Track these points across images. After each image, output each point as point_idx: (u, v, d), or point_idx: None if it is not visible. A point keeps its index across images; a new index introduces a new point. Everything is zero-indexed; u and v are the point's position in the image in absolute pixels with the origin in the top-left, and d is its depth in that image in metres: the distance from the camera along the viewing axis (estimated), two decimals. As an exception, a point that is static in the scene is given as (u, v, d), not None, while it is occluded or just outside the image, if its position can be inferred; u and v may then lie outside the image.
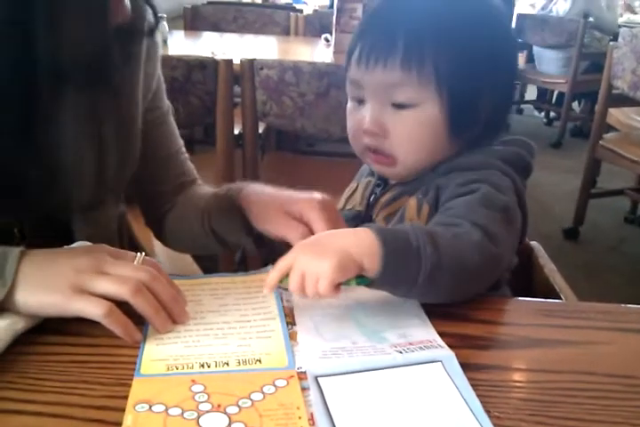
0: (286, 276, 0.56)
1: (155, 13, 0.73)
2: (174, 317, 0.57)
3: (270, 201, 0.71)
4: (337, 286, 0.54)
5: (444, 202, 0.68)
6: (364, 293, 0.62)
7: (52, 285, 0.55)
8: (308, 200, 0.67)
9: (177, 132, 0.89)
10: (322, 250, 0.55)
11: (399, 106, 0.70)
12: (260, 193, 0.75)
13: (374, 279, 0.56)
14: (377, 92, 0.70)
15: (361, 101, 0.73)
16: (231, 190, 0.78)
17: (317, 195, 0.68)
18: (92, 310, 0.53)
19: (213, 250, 0.82)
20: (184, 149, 0.90)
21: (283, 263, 0.56)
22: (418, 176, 0.74)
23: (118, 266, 0.57)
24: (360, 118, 0.72)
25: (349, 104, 0.76)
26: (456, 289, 0.60)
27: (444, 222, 0.62)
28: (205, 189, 0.89)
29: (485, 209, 0.63)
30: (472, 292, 0.62)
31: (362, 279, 0.56)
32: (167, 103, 0.88)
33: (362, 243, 0.55)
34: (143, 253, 0.60)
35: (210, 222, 0.79)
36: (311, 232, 0.65)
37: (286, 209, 0.68)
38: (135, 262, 0.59)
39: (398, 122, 0.70)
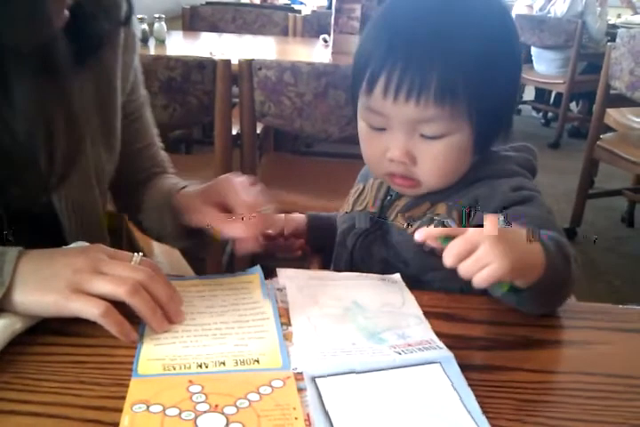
0: (451, 238, 0.52)
1: (129, 2, 0.73)
2: (171, 316, 0.57)
3: (195, 194, 0.75)
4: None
5: (498, 209, 0.66)
6: (362, 293, 0.62)
7: (49, 285, 0.54)
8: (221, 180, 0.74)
9: (152, 122, 0.90)
10: (509, 244, 0.51)
11: (429, 137, 0.67)
12: (192, 189, 0.79)
13: (523, 288, 0.55)
14: (405, 124, 0.66)
15: (380, 129, 0.69)
16: (179, 185, 0.82)
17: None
18: (89, 309, 0.53)
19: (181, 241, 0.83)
20: (157, 140, 0.91)
21: (456, 230, 0.53)
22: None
23: (115, 266, 0.57)
24: (383, 146, 0.69)
25: (364, 128, 0.71)
26: (563, 300, 0.62)
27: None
28: (173, 180, 0.89)
29: (553, 217, 0.66)
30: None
31: (512, 288, 0.54)
32: (144, 93, 0.88)
33: (535, 253, 0.54)
34: (141, 254, 0.60)
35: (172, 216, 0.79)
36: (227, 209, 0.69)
37: (207, 198, 0.72)
38: (132, 262, 0.59)
39: (427, 151, 0.67)
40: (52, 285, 0.54)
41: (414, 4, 0.68)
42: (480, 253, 0.50)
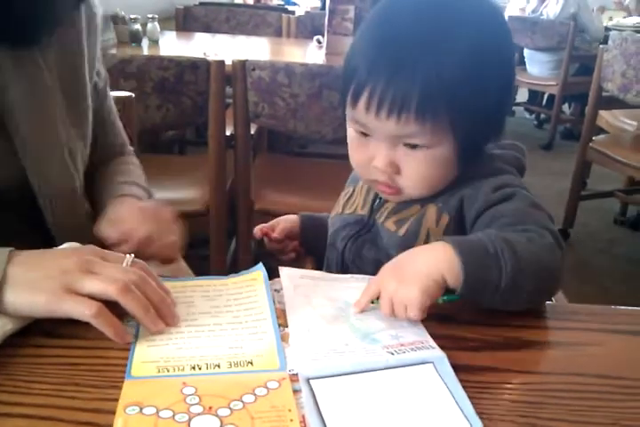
0: (376, 298, 0.59)
1: None
2: (162, 318, 0.57)
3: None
4: (425, 309, 0.57)
5: (480, 210, 0.67)
6: (356, 294, 0.62)
7: (40, 285, 0.54)
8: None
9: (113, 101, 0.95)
10: (404, 276, 0.58)
11: (412, 146, 0.67)
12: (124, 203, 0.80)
13: (459, 291, 0.57)
14: (388, 137, 0.67)
15: (367, 135, 0.69)
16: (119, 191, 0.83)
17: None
18: (82, 310, 0.53)
19: None
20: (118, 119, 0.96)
21: (371, 288, 0.60)
22: None
23: (106, 267, 0.57)
24: (369, 153, 0.69)
25: (352, 134, 0.71)
26: (539, 291, 0.61)
27: (513, 229, 0.62)
28: (122, 177, 0.90)
29: (538, 211, 0.66)
30: (552, 293, 0.64)
31: (449, 296, 0.59)
32: (105, 74, 0.92)
33: (440, 258, 0.58)
34: (132, 255, 0.60)
35: None
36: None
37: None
38: (124, 264, 0.59)
39: (411, 161, 0.68)
40: (43, 285, 0.54)
41: (403, 16, 0.66)
42: (395, 304, 0.57)
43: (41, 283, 0.55)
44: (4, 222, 0.66)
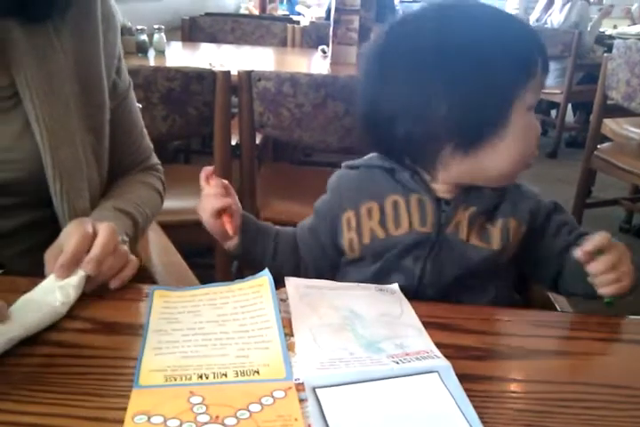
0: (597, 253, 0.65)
1: None
2: None
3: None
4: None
5: (543, 220, 0.77)
6: (360, 303, 0.63)
7: None
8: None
9: (137, 106, 0.95)
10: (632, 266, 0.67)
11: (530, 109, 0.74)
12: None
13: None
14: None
15: (530, 109, 0.74)
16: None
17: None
18: None
19: None
20: (143, 124, 0.97)
21: (602, 241, 0.65)
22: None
23: None
24: (538, 127, 0.76)
25: (524, 121, 0.73)
26: None
27: (579, 232, 0.76)
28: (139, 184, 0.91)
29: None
30: None
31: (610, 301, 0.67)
32: (129, 79, 0.93)
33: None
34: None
35: None
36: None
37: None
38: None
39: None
40: None
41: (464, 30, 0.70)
42: (620, 274, 0.65)
43: None
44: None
